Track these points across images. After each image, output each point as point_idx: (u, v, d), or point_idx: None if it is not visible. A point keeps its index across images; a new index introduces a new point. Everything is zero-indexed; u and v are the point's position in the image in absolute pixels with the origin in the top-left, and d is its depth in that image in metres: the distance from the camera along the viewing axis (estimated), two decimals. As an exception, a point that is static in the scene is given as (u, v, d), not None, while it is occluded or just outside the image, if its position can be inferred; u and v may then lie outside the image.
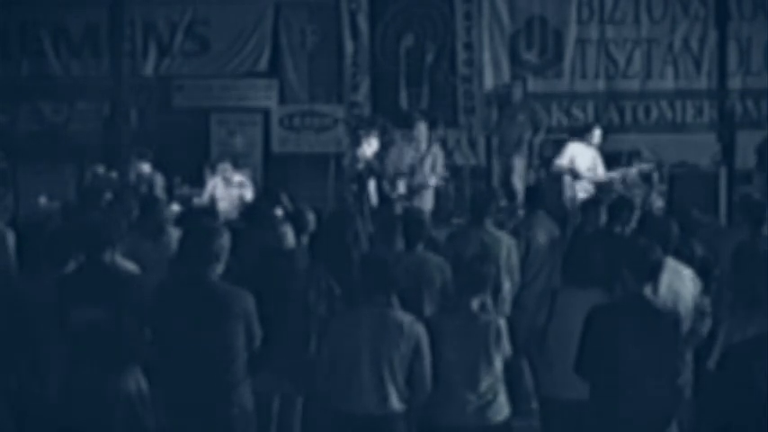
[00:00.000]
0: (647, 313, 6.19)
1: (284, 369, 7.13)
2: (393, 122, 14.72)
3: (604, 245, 6.92)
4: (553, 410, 6.70)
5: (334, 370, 6.25)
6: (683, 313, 7.11)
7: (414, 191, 13.21)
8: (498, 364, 6.32)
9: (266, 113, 17.49)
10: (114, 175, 14.62)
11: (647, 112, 16.23)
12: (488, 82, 16.36)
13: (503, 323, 6.37)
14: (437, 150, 13.56)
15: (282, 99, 17.49)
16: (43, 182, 14.88)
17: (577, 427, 6.44)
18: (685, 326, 7.11)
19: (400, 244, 8.09)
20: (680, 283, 7.27)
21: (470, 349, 6.27)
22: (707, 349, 6.82)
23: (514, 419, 6.57)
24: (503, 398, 6.37)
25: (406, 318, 6.30)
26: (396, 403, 6.20)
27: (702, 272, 7.64)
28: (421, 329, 6.26)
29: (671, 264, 7.22)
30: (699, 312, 7.32)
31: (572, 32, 16.27)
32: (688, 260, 7.63)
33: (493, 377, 6.30)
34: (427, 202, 13.22)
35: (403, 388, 6.21)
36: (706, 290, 7.52)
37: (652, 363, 6.07)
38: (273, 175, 16.87)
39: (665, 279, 7.06)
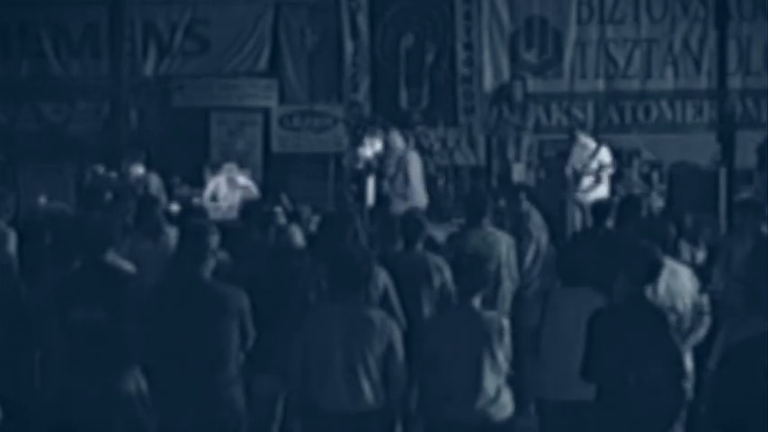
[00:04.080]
0: (648, 315, 6.19)
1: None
2: (393, 122, 14.72)
3: (599, 245, 6.93)
4: (549, 412, 6.69)
5: (308, 367, 6.23)
6: (682, 313, 7.13)
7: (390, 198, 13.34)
8: (502, 361, 6.32)
9: (266, 113, 17.49)
10: (114, 175, 14.63)
11: (647, 112, 16.23)
12: (488, 82, 16.36)
13: (506, 321, 6.37)
14: (412, 156, 13.64)
15: (282, 99, 17.49)
16: (43, 182, 14.86)
17: (576, 428, 6.43)
18: (684, 325, 7.13)
19: (399, 243, 8.10)
20: (678, 282, 7.27)
21: (473, 347, 6.27)
22: (707, 349, 6.82)
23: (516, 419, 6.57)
24: (506, 396, 6.37)
25: (378, 315, 6.30)
26: (372, 400, 6.18)
27: (701, 272, 7.64)
28: (393, 326, 6.27)
29: (669, 264, 7.22)
30: (697, 312, 7.33)
31: (572, 32, 16.27)
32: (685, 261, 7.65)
33: (496, 375, 6.30)
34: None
35: (379, 385, 6.19)
36: (704, 289, 7.53)
37: (656, 364, 6.07)
38: (273, 175, 16.86)
39: (664, 279, 7.06)
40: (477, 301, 6.39)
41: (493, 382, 6.29)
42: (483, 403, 6.28)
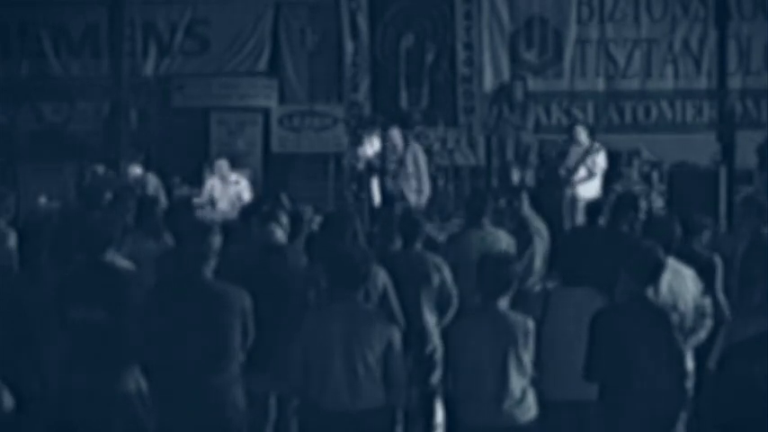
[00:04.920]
0: (650, 315, 6.19)
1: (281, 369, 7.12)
2: (393, 122, 14.71)
3: (597, 243, 6.93)
4: (549, 412, 6.68)
5: (308, 367, 6.24)
6: (684, 313, 7.13)
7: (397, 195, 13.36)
8: (527, 363, 6.30)
9: (266, 113, 17.49)
10: (114, 174, 14.64)
11: (647, 111, 16.23)
12: (488, 82, 16.36)
13: (531, 323, 6.35)
14: (418, 149, 13.67)
15: (282, 99, 17.49)
16: (43, 182, 14.89)
17: (577, 427, 6.43)
18: (686, 326, 7.13)
19: (398, 243, 8.11)
20: (681, 283, 7.27)
21: (500, 349, 6.25)
22: (707, 349, 6.82)
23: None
24: (531, 397, 6.35)
25: (377, 314, 6.32)
26: (372, 399, 6.18)
27: (703, 273, 7.63)
28: (393, 325, 6.28)
29: (672, 264, 7.22)
30: (699, 313, 7.32)
31: (572, 32, 16.28)
32: (688, 260, 7.63)
33: (522, 377, 6.29)
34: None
35: (379, 384, 6.19)
36: (707, 291, 7.52)
37: (659, 364, 6.07)
38: (273, 175, 16.88)
39: (666, 279, 7.05)
40: (503, 303, 6.33)
41: (518, 383, 6.27)
42: (509, 405, 6.26)
